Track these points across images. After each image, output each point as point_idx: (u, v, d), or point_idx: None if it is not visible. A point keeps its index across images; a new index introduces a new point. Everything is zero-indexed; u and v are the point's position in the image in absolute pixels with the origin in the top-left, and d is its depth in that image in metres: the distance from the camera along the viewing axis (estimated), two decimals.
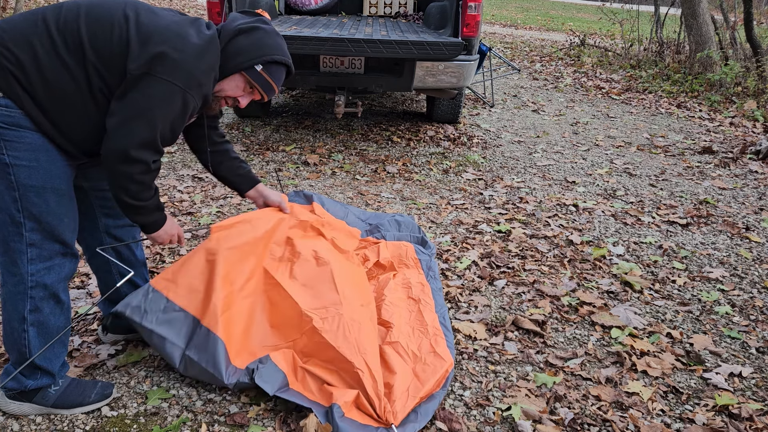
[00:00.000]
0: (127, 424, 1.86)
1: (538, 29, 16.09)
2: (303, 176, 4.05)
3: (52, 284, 1.74)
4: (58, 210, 1.69)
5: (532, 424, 1.92)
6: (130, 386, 2.02)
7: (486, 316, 2.51)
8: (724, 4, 8.73)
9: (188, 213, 3.40)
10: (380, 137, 5.00)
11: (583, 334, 2.44)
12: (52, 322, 1.77)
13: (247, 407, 1.94)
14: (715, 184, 4.27)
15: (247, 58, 1.78)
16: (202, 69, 1.67)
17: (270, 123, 5.27)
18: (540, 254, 3.09)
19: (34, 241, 1.67)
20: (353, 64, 4.28)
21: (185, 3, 16.23)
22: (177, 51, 1.60)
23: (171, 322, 1.96)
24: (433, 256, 2.77)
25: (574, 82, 8.15)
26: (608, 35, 12.97)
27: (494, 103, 6.55)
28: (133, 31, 1.61)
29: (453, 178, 4.19)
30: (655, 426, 1.93)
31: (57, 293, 1.76)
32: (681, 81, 7.84)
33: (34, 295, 1.72)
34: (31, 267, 1.69)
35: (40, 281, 1.71)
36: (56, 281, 1.74)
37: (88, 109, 1.63)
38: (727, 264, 3.08)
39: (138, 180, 1.68)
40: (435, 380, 1.96)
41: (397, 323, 2.17)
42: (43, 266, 1.71)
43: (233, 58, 1.77)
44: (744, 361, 2.31)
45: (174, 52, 1.60)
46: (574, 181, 4.22)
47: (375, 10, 6.13)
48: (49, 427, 1.84)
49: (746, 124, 6.08)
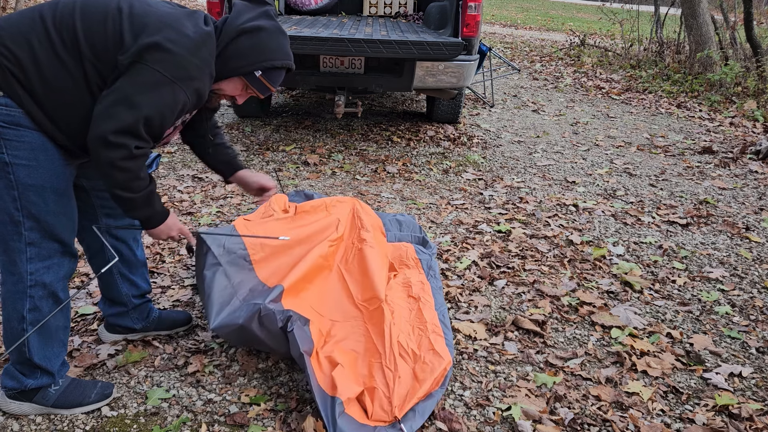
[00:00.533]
0: (127, 424, 1.86)
1: (538, 29, 16.09)
2: (303, 176, 4.05)
3: (51, 283, 1.73)
4: (57, 209, 1.68)
5: (532, 424, 1.92)
6: (130, 386, 2.02)
7: (486, 316, 2.51)
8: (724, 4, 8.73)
9: (188, 213, 3.40)
10: (380, 137, 5.00)
11: (583, 334, 2.44)
12: (51, 321, 1.77)
13: (247, 407, 1.94)
14: (715, 184, 4.27)
15: (247, 62, 1.75)
16: (195, 64, 1.63)
17: (270, 123, 5.27)
18: (540, 254, 3.09)
19: (33, 240, 1.67)
20: (353, 64, 4.28)
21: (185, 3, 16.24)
22: (170, 42, 1.57)
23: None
24: (433, 255, 2.76)
25: (574, 82, 8.15)
26: (608, 35, 12.97)
27: (494, 103, 6.55)
28: (126, 23, 1.58)
29: (453, 178, 4.19)
30: (655, 426, 1.93)
31: (56, 292, 1.76)
32: (681, 81, 7.84)
33: (33, 294, 1.71)
34: (30, 266, 1.69)
35: (39, 280, 1.71)
36: (55, 280, 1.74)
37: (86, 105, 1.62)
38: (727, 264, 3.08)
39: (121, 167, 1.60)
40: (433, 378, 1.97)
41: (398, 322, 2.17)
42: (42, 265, 1.70)
43: (234, 61, 1.74)
44: (744, 361, 2.30)
45: (167, 43, 1.56)
46: (574, 181, 4.22)
47: (375, 10, 6.13)
48: (49, 427, 1.84)
49: (746, 124, 6.08)
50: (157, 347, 2.22)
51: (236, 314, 1.97)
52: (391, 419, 1.82)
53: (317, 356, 1.98)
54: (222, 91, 1.82)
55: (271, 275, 2.12)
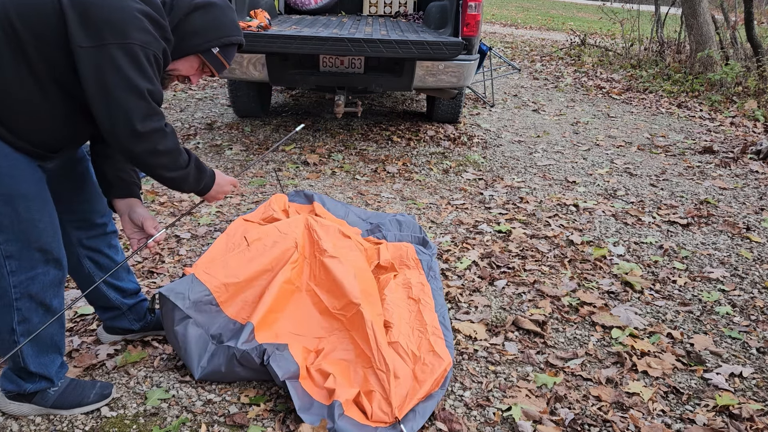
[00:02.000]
0: (127, 424, 1.86)
1: (538, 29, 16.08)
2: (303, 176, 4.05)
3: (38, 293, 1.68)
4: (29, 216, 1.59)
5: (533, 424, 1.91)
6: (130, 387, 2.01)
7: (486, 317, 2.51)
8: (725, 3, 8.72)
9: (188, 213, 3.39)
10: (380, 137, 5.00)
11: (583, 335, 2.43)
12: (44, 330, 1.71)
13: (246, 408, 1.94)
14: (716, 184, 4.27)
15: (204, 40, 1.70)
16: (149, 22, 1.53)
17: (270, 123, 5.26)
18: (540, 254, 3.09)
19: (11, 252, 1.59)
20: (353, 64, 4.28)
21: None
22: (118, 10, 1.48)
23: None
24: (433, 256, 2.76)
25: (574, 82, 8.14)
26: (609, 35, 12.96)
27: (494, 102, 6.55)
28: (67, 3, 1.47)
29: (453, 178, 4.18)
30: (655, 426, 1.93)
31: (45, 301, 1.70)
32: (681, 81, 7.83)
33: (21, 306, 1.66)
34: (13, 279, 1.62)
35: (25, 292, 1.65)
36: (41, 290, 1.68)
37: (37, 102, 1.53)
38: (728, 264, 3.07)
39: (162, 150, 1.58)
40: (433, 379, 1.96)
41: (397, 323, 2.17)
42: (26, 276, 1.64)
43: (190, 39, 1.69)
44: (744, 361, 2.30)
45: (116, 12, 1.47)
46: (574, 181, 4.22)
47: (375, 10, 6.13)
48: (49, 427, 1.84)
49: (747, 123, 6.07)
50: (156, 347, 2.21)
51: (215, 361, 2.00)
52: (392, 420, 1.81)
53: (309, 372, 1.98)
54: (177, 71, 1.74)
55: (240, 310, 2.14)
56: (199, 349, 2.02)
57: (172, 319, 2.02)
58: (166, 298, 2.01)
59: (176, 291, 2.04)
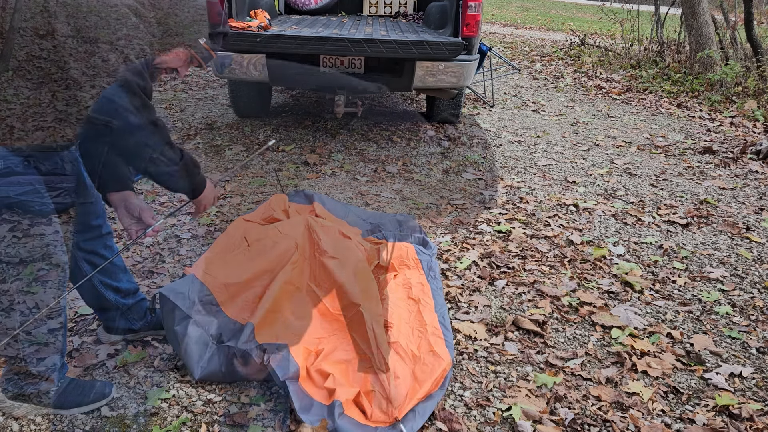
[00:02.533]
0: (127, 424, 1.86)
1: (538, 29, 16.08)
2: (303, 176, 4.05)
3: None
4: None
5: (533, 424, 1.91)
6: (130, 386, 2.01)
7: (486, 316, 2.51)
8: (725, 3, 8.72)
9: (188, 213, 3.39)
10: (380, 137, 5.00)
11: (583, 335, 2.43)
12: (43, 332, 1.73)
13: (246, 408, 1.94)
14: (716, 184, 4.27)
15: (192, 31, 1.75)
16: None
17: (270, 123, 5.26)
18: (540, 254, 3.09)
19: None
20: (353, 64, 4.28)
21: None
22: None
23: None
24: (433, 256, 2.76)
25: (574, 82, 8.14)
26: (608, 35, 12.95)
27: (494, 102, 6.55)
28: None
29: (453, 178, 4.18)
30: (655, 426, 1.93)
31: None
32: (681, 81, 7.83)
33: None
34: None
35: None
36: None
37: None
38: (728, 264, 3.07)
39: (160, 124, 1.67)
40: (433, 380, 1.96)
41: (397, 323, 2.17)
42: None
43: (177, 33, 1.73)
44: (744, 361, 2.30)
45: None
46: (574, 181, 4.22)
47: (375, 10, 6.13)
48: (49, 427, 1.84)
49: (746, 124, 6.07)
50: (156, 347, 2.21)
51: (215, 361, 2.00)
52: (392, 420, 1.81)
53: (308, 373, 1.98)
54: (165, 64, 1.77)
55: (241, 310, 2.14)
56: (199, 349, 2.03)
57: (173, 319, 2.03)
58: (167, 298, 2.02)
59: (176, 291, 2.05)
